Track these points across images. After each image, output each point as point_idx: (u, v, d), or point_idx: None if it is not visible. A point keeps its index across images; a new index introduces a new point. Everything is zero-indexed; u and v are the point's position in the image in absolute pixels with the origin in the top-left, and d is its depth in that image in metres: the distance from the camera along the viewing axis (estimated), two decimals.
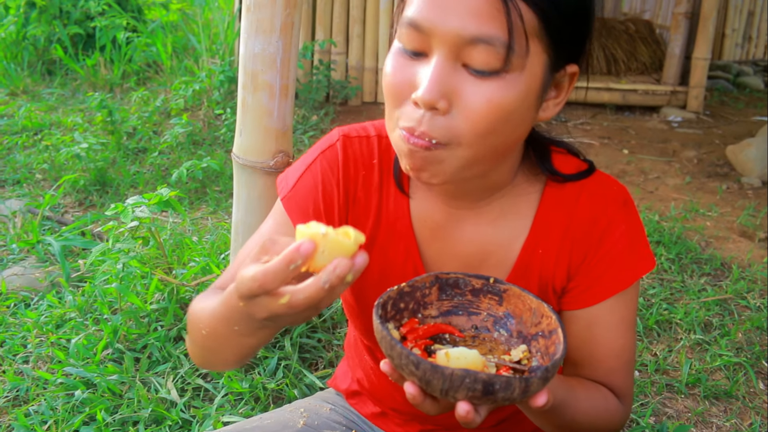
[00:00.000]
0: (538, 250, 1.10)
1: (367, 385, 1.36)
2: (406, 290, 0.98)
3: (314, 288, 0.80)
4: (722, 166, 4.90)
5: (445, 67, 0.88)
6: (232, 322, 0.93)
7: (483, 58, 0.87)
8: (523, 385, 0.79)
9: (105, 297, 2.34)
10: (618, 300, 1.09)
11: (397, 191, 1.13)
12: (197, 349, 1.09)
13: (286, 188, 1.15)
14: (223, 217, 3.39)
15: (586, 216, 1.09)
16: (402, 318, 0.98)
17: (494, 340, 0.99)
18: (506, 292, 0.99)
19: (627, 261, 1.08)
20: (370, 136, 1.15)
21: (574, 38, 0.94)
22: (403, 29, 0.91)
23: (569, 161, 1.12)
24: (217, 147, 4.44)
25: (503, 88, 0.88)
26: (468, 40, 0.86)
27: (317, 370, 2.17)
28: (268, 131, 1.99)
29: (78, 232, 3.00)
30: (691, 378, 2.27)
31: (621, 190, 1.11)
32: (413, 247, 1.13)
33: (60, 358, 2.08)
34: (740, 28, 8.72)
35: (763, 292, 2.92)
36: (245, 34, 1.91)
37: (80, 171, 3.80)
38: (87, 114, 4.90)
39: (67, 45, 6.28)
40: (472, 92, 0.88)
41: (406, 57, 0.92)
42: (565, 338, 0.88)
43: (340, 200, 1.13)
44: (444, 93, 0.88)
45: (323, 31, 5.80)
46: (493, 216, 1.11)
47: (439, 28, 0.87)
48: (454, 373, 0.77)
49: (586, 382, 1.11)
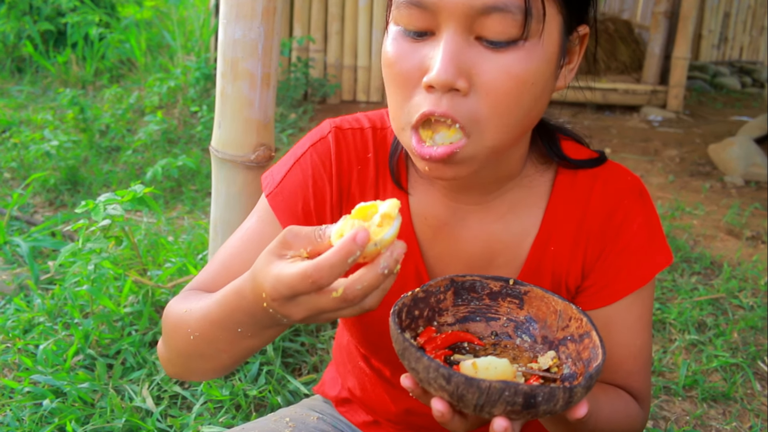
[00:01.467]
0: (550, 246, 1.03)
1: (360, 393, 1.28)
2: (420, 296, 0.88)
3: (373, 275, 0.72)
4: (704, 165, 4.88)
5: (458, 42, 0.79)
6: (235, 323, 0.84)
7: (499, 27, 0.78)
8: (567, 396, 0.70)
9: (76, 300, 2.22)
10: (635, 298, 1.02)
11: (395, 187, 1.04)
12: (179, 356, 0.99)
13: (272, 184, 1.06)
14: (200, 216, 3.28)
15: (601, 208, 1.01)
16: (417, 327, 0.89)
17: (517, 347, 0.90)
18: (527, 294, 0.90)
19: (645, 255, 1.01)
20: (364, 128, 1.06)
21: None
22: (403, 9, 0.82)
23: (579, 149, 1.05)
24: (193, 145, 4.32)
25: (524, 59, 0.80)
26: (480, 9, 0.77)
27: (301, 375, 2.07)
28: (248, 123, 1.88)
29: (48, 233, 2.86)
30: (688, 380, 2.20)
31: (636, 181, 1.04)
32: (414, 248, 1.05)
33: (27, 365, 1.95)
34: (716, 30, 8.78)
35: (756, 291, 2.87)
36: (224, 20, 1.81)
37: (50, 169, 3.67)
38: (58, 111, 4.75)
39: (37, 42, 6.12)
40: (491, 67, 0.80)
41: (409, 39, 0.83)
42: (602, 341, 0.79)
43: (333, 197, 1.04)
44: (461, 70, 0.79)
45: (301, 28, 5.71)
46: (501, 211, 1.03)
47: (446, 1, 0.78)
48: (492, 386, 0.68)
49: (607, 387, 1.04)
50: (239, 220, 1.93)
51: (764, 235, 3.57)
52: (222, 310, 0.86)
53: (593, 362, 0.78)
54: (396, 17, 0.84)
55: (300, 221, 1.02)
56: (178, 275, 2.33)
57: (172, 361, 1.02)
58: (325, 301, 0.73)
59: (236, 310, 0.83)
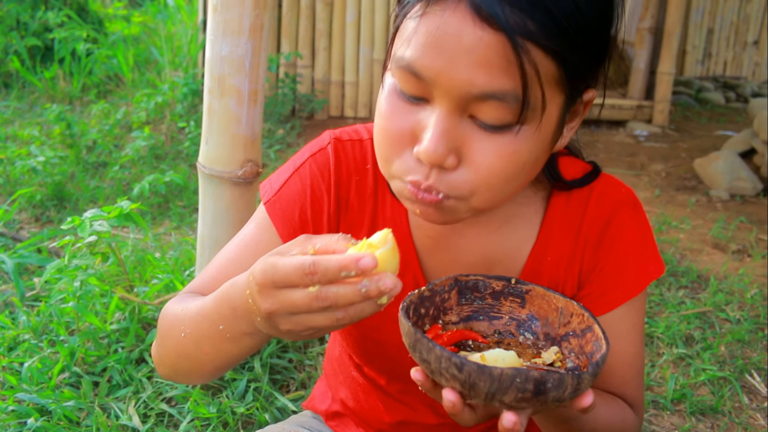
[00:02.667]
0: (546, 257, 1.04)
1: (353, 404, 1.28)
2: (426, 294, 0.90)
3: (350, 288, 0.72)
4: (690, 179, 4.92)
5: (451, 120, 0.79)
6: (219, 319, 0.86)
7: (494, 114, 0.78)
8: (576, 382, 0.72)
9: (61, 317, 2.20)
10: (629, 307, 1.04)
11: (393, 198, 1.04)
12: (168, 356, 1.00)
13: (270, 192, 1.06)
14: (187, 232, 3.27)
15: (596, 221, 1.03)
16: (424, 324, 0.91)
17: (520, 344, 0.92)
18: (529, 293, 0.93)
19: (638, 266, 1.03)
20: (363, 139, 1.07)
21: (592, 67, 0.85)
22: (401, 73, 0.81)
23: (574, 164, 1.06)
24: (180, 161, 4.31)
25: (517, 142, 0.80)
26: (477, 96, 0.77)
27: (289, 392, 2.06)
28: (235, 139, 1.88)
29: (34, 249, 2.84)
30: (676, 393, 2.20)
31: (629, 193, 1.07)
32: (413, 258, 1.06)
33: (12, 384, 1.93)
34: (700, 45, 8.85)
35: (742, 304, 2.88)
36: (212, 36, 1.81)
37: (37, 185, 3.64)
38: (44, 127, 4.73)
39: (24, 57, 6.10)
40: (482, 147, 0.79)
41: (403, 100, 0.83)
42: (605, 333, 0.82)
43: (331, 207, 1.04)
44: (451, 148, 0.79)
45: (289, 44, 5.72)
46: (497, 223, 1.04)
47: (443, 80, 0.77)
48: (504, 373, 0.69)
49: (603, 394, 1.05)
50: (227, 236, 1.92)
51: (750, 248, 3.59)
52: (213, 301, 0.88)
53: (597, 353, 0.80)
54: (395, 74, 0.83)
55: (297, 230, 1.03)
56: (165, 292, 2.32)
57: (162, 360, 1.03)
58: (299, 295, 0.73)
59: (224, 302, 0.84)
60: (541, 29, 0.74)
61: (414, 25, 0.78)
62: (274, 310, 0.76)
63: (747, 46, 9.21)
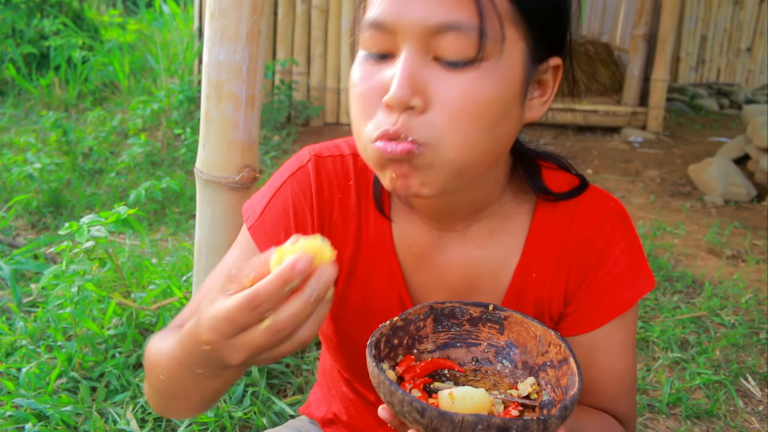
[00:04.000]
0: (531, 273, 1.02)
1: (345, 418, 1.27)
2: (399, 324, 0.88)
3: (300, 302, 0.70)
4: (685, 185, 4.94)
5: (415, 61, 0.81)
6: (194, 365, 0.82)
7: (454, 46, 0.79)
8: (541, 428, 0.70)
9: (59, 323, 2.20)
10: (618, 323, 1.01)
11: (378, 215, 1.03)
12: (156, 396, 0.97)
13: (253, 216, 1.04)
14: (184, 238, 3.27)
15: (582, 235, 1.01)
16: (396, 356, 0.88)
17: (497, 372, 0.90)
18: (507, 320, 0.90)
19: (628, 281, 1.00)
20: (344, 154, 1.05)
21: (552, 27, 0.87)
22: (366, 33, 0.84)
23: (560, 177, 1.04)
24: (176, 167, 4.31)
25: (480, 78, 0.81)
26: (436, 28, 0.79)
27: (286, 396, 2.06)
28: (233, 144, 1.89)
29: (30, 255, 2.84)
30: (672, 397, 2.21)
31: (617, 206, 1.04)
32: (397, 274, 1.04)
33: (9, 389, 1.93)
34: (694, 52, 8.91)
35: (737, 309, 2.90)
36: (209, 42, 1.82)
37: (33, 192, 3.65)
38: (41, 134, 4.74)
39: (20, 65, 6.11)
40: (447, 85, 0.80)
41: (372, 62, 0.85)
42: (579, 367, 0.79)
43: (315, 226, 1.02)
44: (417, 89, 0.80)
45: (284, 51, 5.74)
46: (481, 238, 1.02)
47: (403, 21, 0.80)
48: (465, 420, 0.68)
49: (592, 411, 1.03)
50: (224, 241, 1.93)
51: (744, 253, 3.61)
52: (182, 350, 0.83)
53: (570, 390, 0.78)
54: (362, 42, 0.85)
55: None
56: (162, 297, 2.32)
57: (153, 399, 1.00)
58: (258, 335, 0.71)
59: (192, 352, 0.80)
60: None
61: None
62: (244, 359, 0.74)
63: (740, 53, 9.27)
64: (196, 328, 0.77)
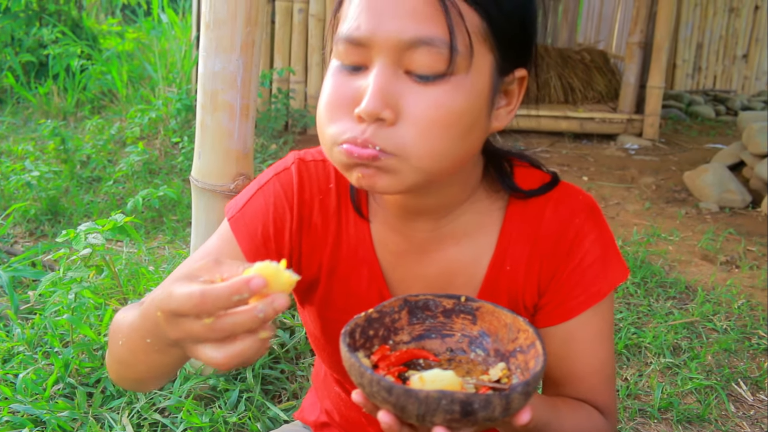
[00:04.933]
0: (505, 267, 1.05)
1: (338, 418, 1.30)
2: (374, 316, 0.91)
3: (246, 315, 0.71)
4: (680, 192, 4.97)
5: (387, 74, 0.83)
6: (146, 333, 0.85)
7: (425, 61, 0.82)
8: (504, 402, 0.74)
9: (56, 329, 2.22)
10: (593, 313, 1.04)
11: (357, 216, 1.07)
12: (113, 362, 1.00)
13: (235, 209, 1.08)
14: (181, 246, 3.29)
15: (553, 228, 1.04)
16: (372, 346, 0.91)
17: (471, 361, 0.93)
18: (479, 310, 0.94)
19: (599, 272, 1.03)
20: (326, 159, 1.09)
21: (519, 40, 0.90)
22: (340, 45, 0.87)
23: (532, 174, 1.08)
24: (174, 176, 4.34)
25: (450, 91, 0.84)
26: (408, 43, 0.82)
27: (280, 402, 2.08)
28: (228, 153, 1.92)
29: (28, 263, 2.86)
30: (664, 402, 2.23)
31: (587, 199, 1.07)
32: (377, 273, 1.08)
33: (6, 395, 1.95)
34: (690, 59, 8.95)
35: (729, 314, 2.92)
36: (204, 53, 1.85)
37: (31, 200, 3.67)
38: (39, 142, 4.76)
39: (18, 73, 6.14)
40: (418, 99, 0.83)
41: (345, 73, 0.87)
42: (545, 350, 0.83)
43: (293, 225, 1.06)
44: (388, 102, 0.83)
45: (282, 60, 5.77)
46: (456, 235, 1.05)
47: (376, 36, 0.83)
48: (429, 396, 0.72)
49: (570, 401, 1.06)
50: None
51: (738, 259, 3.63)
52: (141, 318, 0.87)
53: (535, 369, 0.81)
54: (336, 53, 0.88)
55: (258, 246, 1.05)
56: None
57: (110, 366, 1.03)
58: (198, 326, 0.73)
59: (147, 319, 0.83)
60: None
61: (349, 3, 0.87)
62: (178, 338, 0.76)
63: (736, 60, 9.31)
64: (156, 299, 0.79)
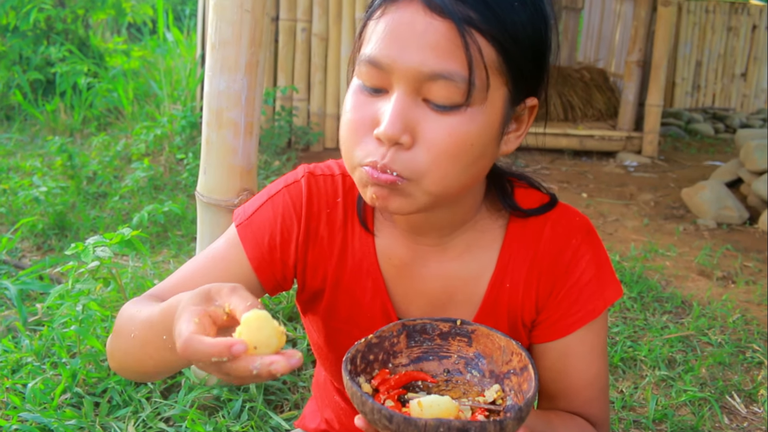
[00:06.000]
0: (505, 284, 1.10)
1: (337, 426, 1.34)
2: (374, 341, 0.97)
3: (243, 368, 0.76)
4: (678, 209, 5.02)
5: (406, 101, 0.89)
6: (163, 330, 0.90)
7: (443, 93, 0.88)
8: (498, 428, 0.79)
9: (63, 341, 2.27)
10: (588, 330, 1.09)
11: (362, 229, 1.12)
12: (119, 352, 1.05)
13: (243, 216, 1.13)
14: (185, 260, 3.34)
15: (550, 248, 1.09)
16: (373, 370, 0.97)
17: (467, 382, 0.98)
18: (474, 333, 0.99)
19: (594, 290, 1.08)
20: (335, 174, 1.14)
21: (532, 71, 0.95)
22: (363, 67, 0.92)
23: (531, 194, 1.13)
24: (178, 191, 4.40)
25: (465, 122, 0.89)
26: (428, 75, 0.87)
27: (282, 412, 2.13)
28: (232, 169, 1.98)
29: (36, 276, 2.93)
30: (658, 414, 2.28)
31: (583, 221, 1.12)
32: (381, 286, 1.12)
33: (15, 404, 2.01)
34: (689, 78, 9.04)
35: (724, 328, 2.96)
36: (210, 72, 1.92)
37: (39, 215, 3.73)
38: (46, 158, 4.84)
39: (26, 90, 6.23)
40: (434, 127, 0.89)
41: (366, 94, 0.93)
42: (536, 373, 0.88)
43: (300, 237, 1.11)
44: (406, 127, 0.88)
45: (285, 78, 5.85)
46: (458, 251, 1.10)
47: (398, 65, 0.88)
48: (428, 424, 0.77)
49: (564, 415, 1.10)
50: None
51: (734, 275, 3.68)
52: (161, 313, 0.91)
53: (528, 393, 0.86)
54: (358, 73, 0.94)
55: (264, 254, 1.09)
56: None
57: (113, 354, 1.07)
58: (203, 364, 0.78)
59: (167, 317, 0.87)
60: (482, 18, 0.87)
61: (374, 26, 0.92)
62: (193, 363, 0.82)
63: (735, 78, 9.39)
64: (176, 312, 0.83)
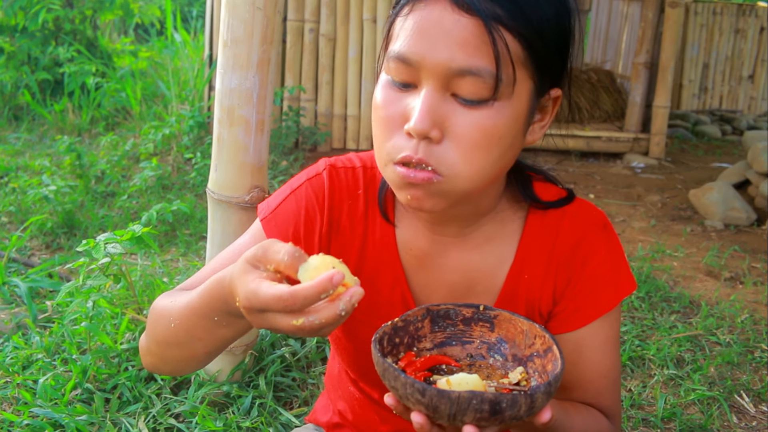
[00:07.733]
0: (524, 275, 1.12)
1: (351, 417, 1.35)
2: (399, 325, 0.98)
3: (331, 314, 0.80)
4: (685, 210, 5.01)
5: (435, 97, 0.90)
6: (212, 312, 0.93)
7: (471, 88, 0.89)
8: (529, 401, 0.80)
9: (74, 337, 2.28)
10: (603, 321, 1.11)
11: (383, 220, 1.14)
12: (157, 345, 1.07)
13: (267, 210, 1.15)
14: (194, 258, 3.36)
15: (568, 241, 1.11)
16: (399, 353, 0.98)
17: (490, 366, 0.99)
18: (497, 318, 1.00)
19: (610, 283, 1.10)
20: (356, 167, 1.16)
21: (556, 63, 0.97)
22: (392, 63, 0.94)
23: (549, 188, 1.15)
24: (186, 191, 4.42)
25: (492, 116, 0.91)
26: (456, 71, 0.89)
27: (292, 408, 2.14)
28: (243, 166, 1.99)
29: (45, 274, 2.94)
30: (667, 413, 2.28)
31: (600, 215, 1.14)
32: (400, 276, 1.14)
33: (26, 399, 2.02)
34: (696, 79, 9.02)
35: (732, 328, 2.96)
36: (222, 69, 1.93)
37: (48, 214, 3.75)
38: (55, 158, 4.86)
39: (35, 91, 6.26)
40: (462, 121, 0.90)
41: (395, 89, 0.95)
42: (562, 353, 0.89)
43: (323, 228, 1.12)
44: (435, 122, 0.90)
45: (292, 78, 5.86)
46: (478, 242, 1.12)
47: (427, 61, 0.89)
48: (461, 396, 0.78)
49: (578, 405, 1.11)
50: None
51: (742, 276, 3.68)
52: (202, 298, 0.94)
53: (554, 372, 0.87)
54: (387, 68, 0.96)
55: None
56: None
57: (150, 350, 1.09)
58: (285, 323, 0.81)
59: (215, 298, 0.91)
60: (508, 14, 0.88)
61: (403, 23, 0.93)
62: (262, 326, 0.85)
63: (742, 81, 9.37)
64: (229, 286, 0.87)
